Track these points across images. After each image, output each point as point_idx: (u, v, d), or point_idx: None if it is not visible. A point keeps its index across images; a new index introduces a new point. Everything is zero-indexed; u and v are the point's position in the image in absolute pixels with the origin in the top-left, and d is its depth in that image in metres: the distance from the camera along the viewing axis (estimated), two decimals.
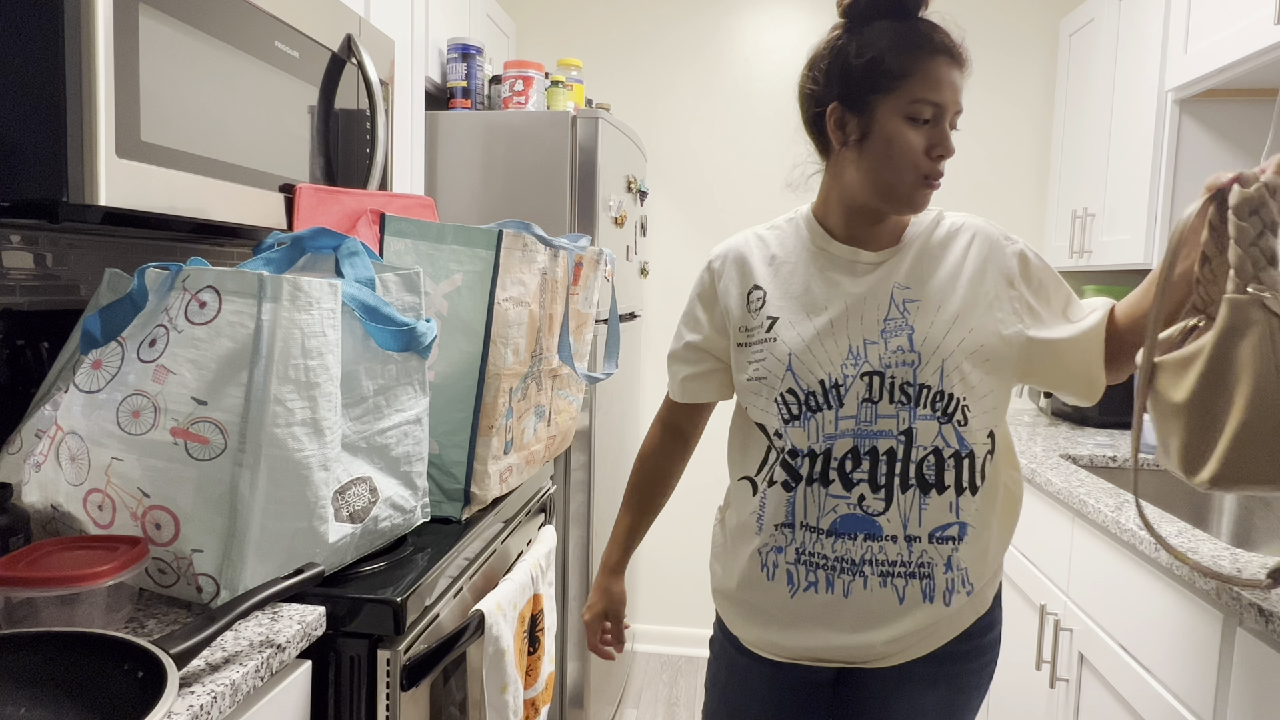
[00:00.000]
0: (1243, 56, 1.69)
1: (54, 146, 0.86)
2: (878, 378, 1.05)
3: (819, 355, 1.07)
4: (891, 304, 1.07)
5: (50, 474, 0.95)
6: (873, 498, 1.06)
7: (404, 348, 1.07)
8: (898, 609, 1.07)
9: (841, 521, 1.06)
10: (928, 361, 1.05)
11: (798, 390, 1.08)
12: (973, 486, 1.06)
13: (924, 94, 1.00)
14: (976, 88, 2.82)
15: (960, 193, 2.85)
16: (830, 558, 1.08)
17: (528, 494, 1.54)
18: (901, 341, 1.05)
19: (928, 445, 1.05)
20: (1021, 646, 1.89)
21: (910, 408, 1.05)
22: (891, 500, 1.05)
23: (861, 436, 1.06)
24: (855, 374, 1.06)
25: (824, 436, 1.07)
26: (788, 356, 1.08)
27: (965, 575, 1.08)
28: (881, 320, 1.07)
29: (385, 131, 1.43)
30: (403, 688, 0.95)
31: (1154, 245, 2.08)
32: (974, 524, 1.07)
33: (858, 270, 1.10)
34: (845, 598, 1.08)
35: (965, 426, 1.05)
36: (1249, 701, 1.09)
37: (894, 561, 1.06)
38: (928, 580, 1.06)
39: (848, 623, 1.09)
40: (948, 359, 1.04)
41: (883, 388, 1.05)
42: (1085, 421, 2.39)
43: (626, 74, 2.93)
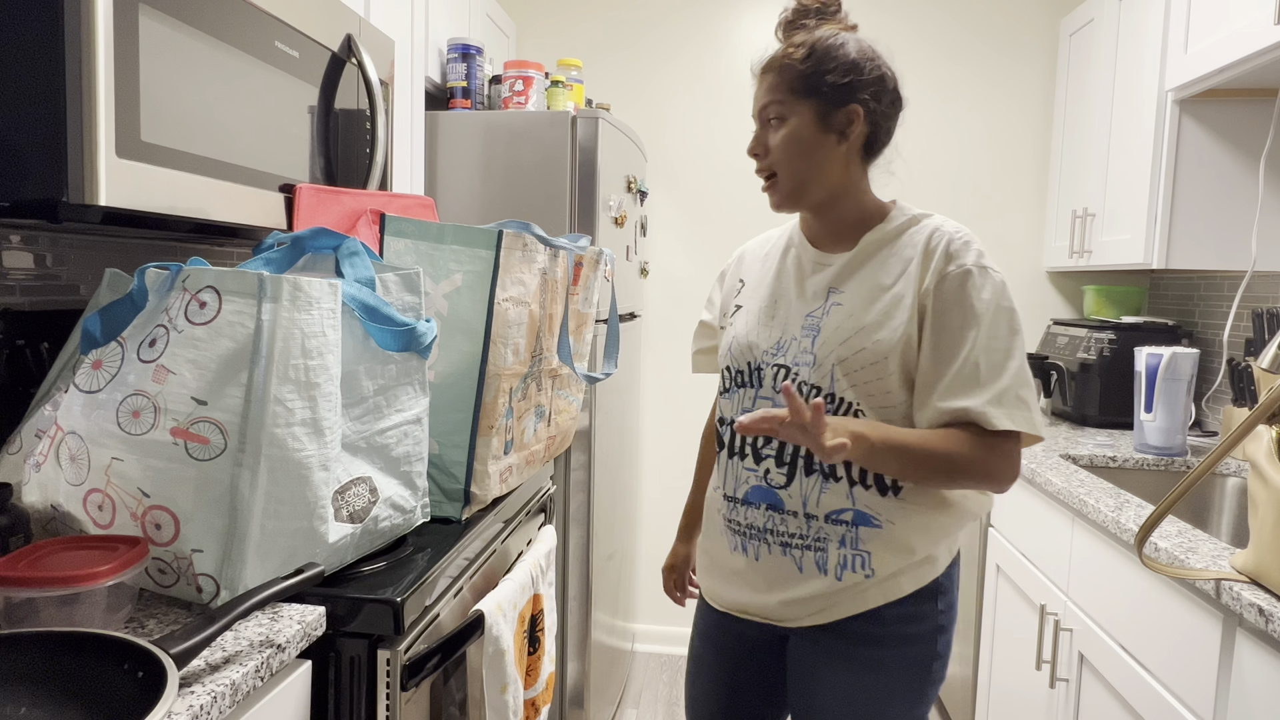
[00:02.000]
0: (1243, 56, 1.69)
1: (54, 146, 0.86)
2: (785, 371, 1.17)
3: (753, 342, 1.21)
4: (822, 305, 1.17)
5: (50, 474, 0.95)
6: (777, 472, 1.16)
7: (404, 348, 1.07)
8: (796, 576, 1.16)
9: (751, 492, 1.18)
10: (820, 364, 1.13)
11: (731, 368, 1.24)
12: (864, 482, 1.12)
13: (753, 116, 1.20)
14: (977, 88, 2.82)
15: (960, 193, 2.86)
16: (743, 524, 1.20)
17: (528, 494, 1.54)
18: (807, 343, 1.16)
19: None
20: (1021, 646, 1.89)
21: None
22: (793, 479, 1.15)
23: None
24: (771, 363, 1.18)
25: (742, 410, 1.20)
26: (732, 339, 1.25)
27: (866, 559, 1.13)
28: (808, 319, 1.17)
29: (385, 131, 1.43)
30: (403, 688, 0.95)
31: (1154, 245, 2.08)
32: (880, 517, 1.12)
33: (813, 270, 1.20)
34: (756, 561, 1.20)
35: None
36: (1249, 701, 1.09)
37: (793, 534, 1.16)
38: (821, 553, 1.14)
39: (759, 583, 1.20)
40: (838, 365, 1.12)
41: (787, 380, 1.16)
42: (1085, 421, 2.39)
43: (626, 74, 2.93)
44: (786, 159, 1.15)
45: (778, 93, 1.14)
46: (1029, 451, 1.98)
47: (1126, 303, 2.63)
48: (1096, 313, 2.65)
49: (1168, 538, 1.32)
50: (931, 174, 2.86)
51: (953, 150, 2.85)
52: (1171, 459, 1.95)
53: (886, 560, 1.13)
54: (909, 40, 2.83)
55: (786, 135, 1.14)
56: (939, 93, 2.84)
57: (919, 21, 2.82)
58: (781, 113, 1.14)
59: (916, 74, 2.84)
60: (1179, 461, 1.95)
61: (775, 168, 1.16)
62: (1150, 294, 2.74)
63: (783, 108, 1.14)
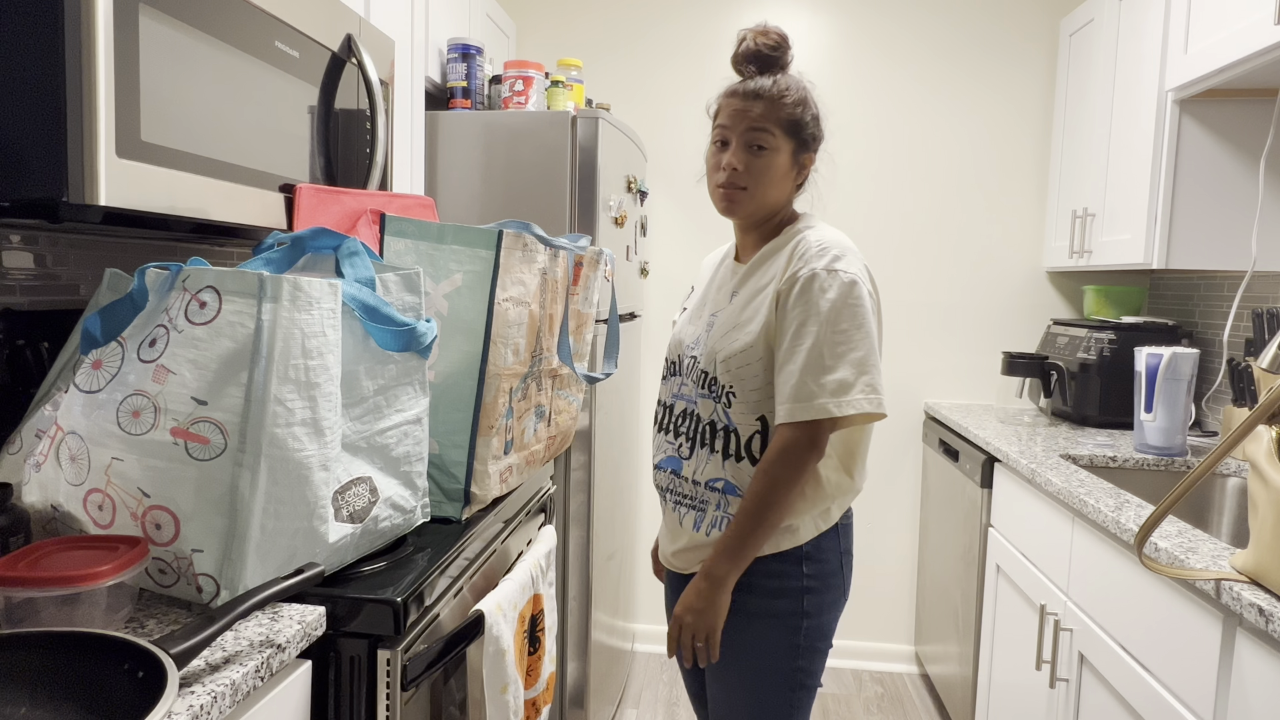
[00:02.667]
0: (1243, 56, 1.69)
1: (54, 146, 0.86)
2: (691, 360, 1.39)
3: (681, 338, 1.44)
4: (726, 305, 1.38)
5: (50, 474, 0.95)
6: (684, 445, 1.39)
7: (404, 348, 1.07)
8: (679, 530, 1.41)
9: (665, 460, 1.42)
10: (705, 354, 1.36)
11: (669, 359, 1.47)
12: (736, 455, 1.32)
13: (718, 123, 1.35)
14: (976, 88, 2.82)
15: (960, 193, 2.86)
16: (661, 486, 1.44)
17: (528, 494, 1.54)
18: (702, 334, 1.39)
19: (706, 417, 1.35)
20: (1021, 646, 1.89)
21: (696, 387, 1.37)
22: (692, 451, 1.38)
23: (686, 400, 1.40)
24: (687, 355, 1.41)
25: (671, 395, 1.43)
26: (672, 335, 1.48)
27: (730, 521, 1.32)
28: (710, 316, 1.40)
29: (385, 131, 1.43)
30: (403, 688, 0.95)
31: (1154, 245, 2.08)
32: (741, 489, 1.32)
33: (729, 276, 1.42)
34: (664, 516, 1.45)
35: (730, 408, 1.32)
36: (1249, 701, 1.09)
37: (684, 494, 1.39)
38: (700, 514, 1.37)
39: (664, 535, 1.47)
40: (716, 355, 1.33)
41: (691, 368, 1.39)
42: (1085, 421, 2.39)
43: (626, 74, 2.93)
44: (763, 184, 1.32)
45: (767, 123, 1.30)
46: (1029, 452, 1.98)
47: (1126, 303, 2.63)
48: (1096, 313, 2.65)
49: (1168, 538, 1.32)
50: (931, 174, 2.86)
51: (953, 150, 2.85)
52: (1171, 459, 1.95)
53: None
54: (909, 40, 2.83)
55: (768, 165, 1.32)
56: (939, 93, 2.84)
57: (919, 21, 2.82)
58: (768, 144, 1.31)
59: (916, 74, 2.84)
60: (1179, 461, 1.95)
61: (747, 185, 1.32)
62: (1150, 294, 2.74)
63: (770, 139, 1.31)
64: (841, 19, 2.85)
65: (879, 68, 2.84)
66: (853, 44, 2.85)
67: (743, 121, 1.31)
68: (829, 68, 2.86)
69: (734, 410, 1.32)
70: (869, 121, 2.87)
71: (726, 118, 1.33)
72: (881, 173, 2.89)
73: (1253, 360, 1.72)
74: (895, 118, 2.86)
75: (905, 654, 2.98)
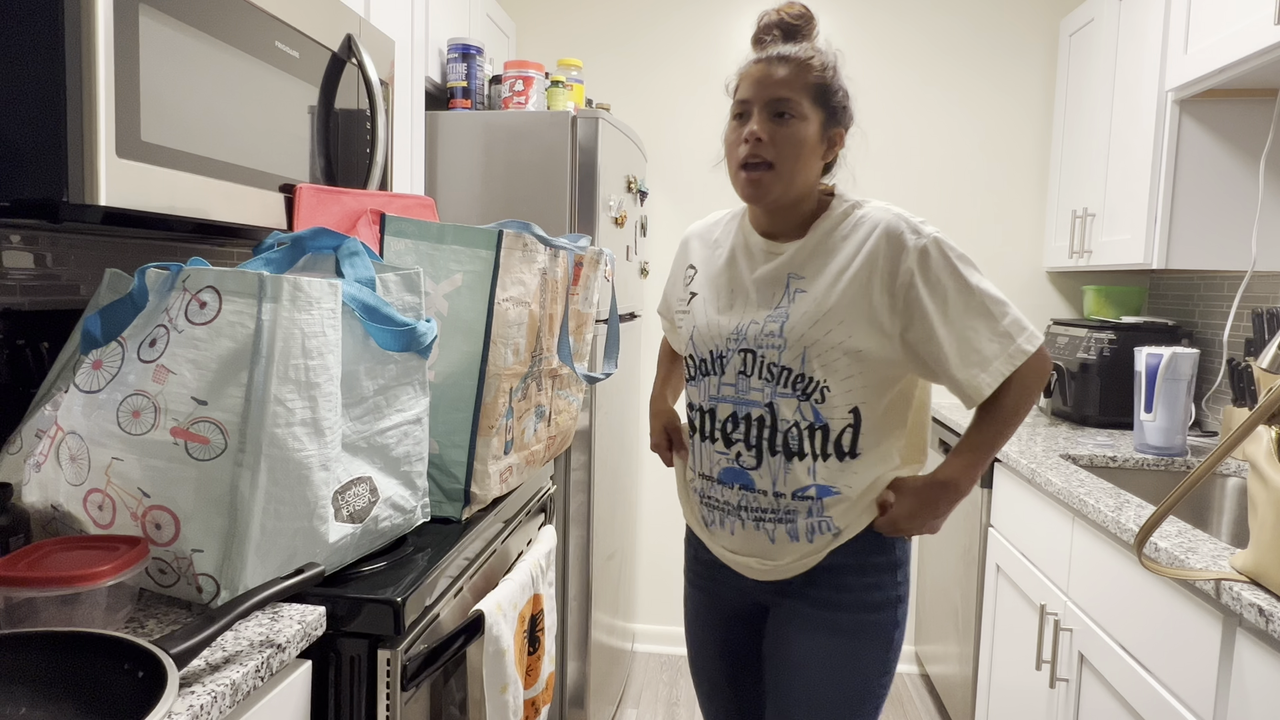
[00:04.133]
0: (1243, 56, 1.69)
1: (54, 146, 0.86)
2: (751, 355, 1.23)
3: (714, 330, 1.27)
4: (785, 291, 1.23)
5: (50, 474, 0.95)
6: (747, 455, 1.24)
7: (404, 348, 1.07)
8: (770, 546, 1.25)
9: (724, 473, 1.26)
10: (790, 347, 1.19)
11: (695, 356, 1.30)
12: (824, 454, 1.21)
13: (738, 96, 1.22)
14: (977, 88, 2.82)
15: (960, 193, 2.86)
16: (719, 501, 1.28)
17: (528, 494, 1.54)
18: (774, 327, 1.21)
19: (789, 419, 1.20)
20: (1021, 646, 1.89)
21: (774, 385, 1.21)
22: (761, 461, 1.23)
23: (738, 404, 1.24)
24: (735, 349, 1.24)
25: (709, 398, 1.27)
26: (693, 329, 1.31)
27: (830, 522, 1.22)
28: (772, 307, 1.23)
29: (385, 131, 1.43)
30: (403, 688, 0.95)
31: (1154, 245, 2.08)
32: (837, 485, 1.22)
33: (766, 259, 1.26)
34: (732, 535, 1.28)
35: (822, 403, 1.19)
36: (1249, 701, 1.09)
37: (764, 509, 1.24)
38: (790, 524, 1.23)
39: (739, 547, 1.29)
40: (810, 347, 1.18)
41: (754, 364, 1.22)
42: (1085, 421, 2.39)
43: (626, 74, 2.93)
44: (788, 156, 1.18)
45: (794, 90, 1.16)
46: (1029, 452, 1.98)
47: (1126, 303, 2.63)
48: (1096, 313, 2.65)
49: (1168, 538, 1.32)
50: (932, 174, 2.86)
51: (953, 150, 2.85)
52: (1171, 459, 1.95)
53: (849, 519, 1.23)
54: (909, 40, 2.83)
55: (796, 134, 1.17)
56: (939, 92, 2.84)
57: (919, 21, 2.82)
58: (796, 111, 1.17)
59: (916, 73, 2.84)
60: (1179, 461, 1.95)
61: (773, 160, 1.17)
62: (1150, 294, 2.74)
63: (799, 107, 1.17)
64: (841, 17, 2.85)
65: (879, 67, 2.84)
66: (852, 43, 2.85)
67: (766, 89, 1.17)
68: None
69: (826, 406, 1.19)
70: (868, 121, 2.87)
71: (747, 88, 1.20)
72: (881, 172, 2.88)
73: (1253, 360, 1.72)
74: (895, 117, 2.86)
75: (905, 654, 2.98)
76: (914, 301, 1.16)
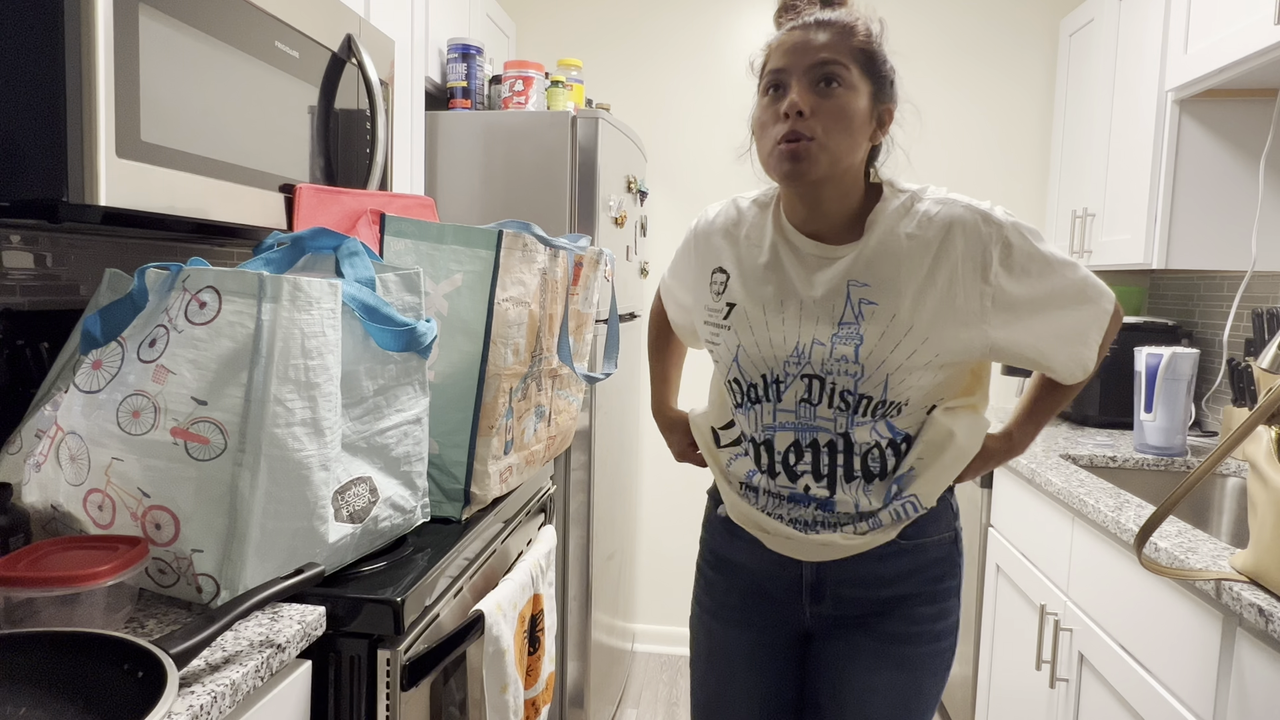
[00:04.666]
0: (1243, 56, 1.69)
1: (54, 146, 0.86)
2: (818, 382, 1.07)
3: (765, 352, 1.10)
4: (848, 305, 1.05)
5: (50, 474, 0.95)
6: (817, 487, 1.11)
7: (404, 348, 1.06)
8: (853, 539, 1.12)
9: (792, 497, 1.13)
10: (871, 375, 1.05)
11: (741, 380, 1.13)
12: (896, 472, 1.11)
13: (771, 67, 1.04)
14: (976, 88, 2.82)
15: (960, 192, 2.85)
16: (788, 517, 1.14)
17: (528, 494, 1.54)
18: (848, 351, 1.05)
19: (868, 442, 1.09)
20: (1021, 646, 1.89)
21: (849, 414, 1.07)
22: (835, 488, 1.11)
23: (802, 430, 1.10)
24: (796, 374, 1.08)
25: (763, 427, 1.12)
26: (736, 349, 1.12)
27: (915, 501, 1.11)
28: (836, 323, 1.06)
29: (385, 131, 1.43)
30: (403, 688, 0.95)
31: (1154, 245, 2.08)
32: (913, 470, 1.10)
33: (817, 265, 1.08)
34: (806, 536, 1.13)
35: (898, 417, 1.08)
36: (1249, 701, 1.09)
37: (845, 513, 1.11)
38: (874, 518, 1.11)
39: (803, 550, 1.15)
40: (893, 373, 1.04)
41: (822, 392, 1.07)
42: (1085, 421, 2.39)
43: (626, 74, 2.93)
44: (836, 129, 1.00)
45: (840, 55, 1.00)
46: (1030, 451, 1.98)
47: (1126, 303, 2.63)
48: None
49: (1167, 538, 1.32)
50: (931, 174, 2.86)
51: (953, 150, 2.85)
52: (1171, 459, 1.95)
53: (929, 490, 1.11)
54: (908, 40, 2.83)
55: (845, 105, 1.00)
56: (939, 92, 2.84)
57: (918, 21, 2.82)
58: (844, 78, 1.00)
59: (916, 74, 2.84)
60: (1179, 461, 1.95)
61: (817, 134, 0.99)
62: (1150, 294, 2.74)
63: (846, 74, 1.00)
64: None
65: None
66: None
67: (806, 54, 1.00)
68: None
69: (902, 419, 1.08)
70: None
71: (782, 56, 1.02)
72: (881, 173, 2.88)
73: (1253, 360, 1.72)
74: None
75: None
76: (1003, 298, 1.04)
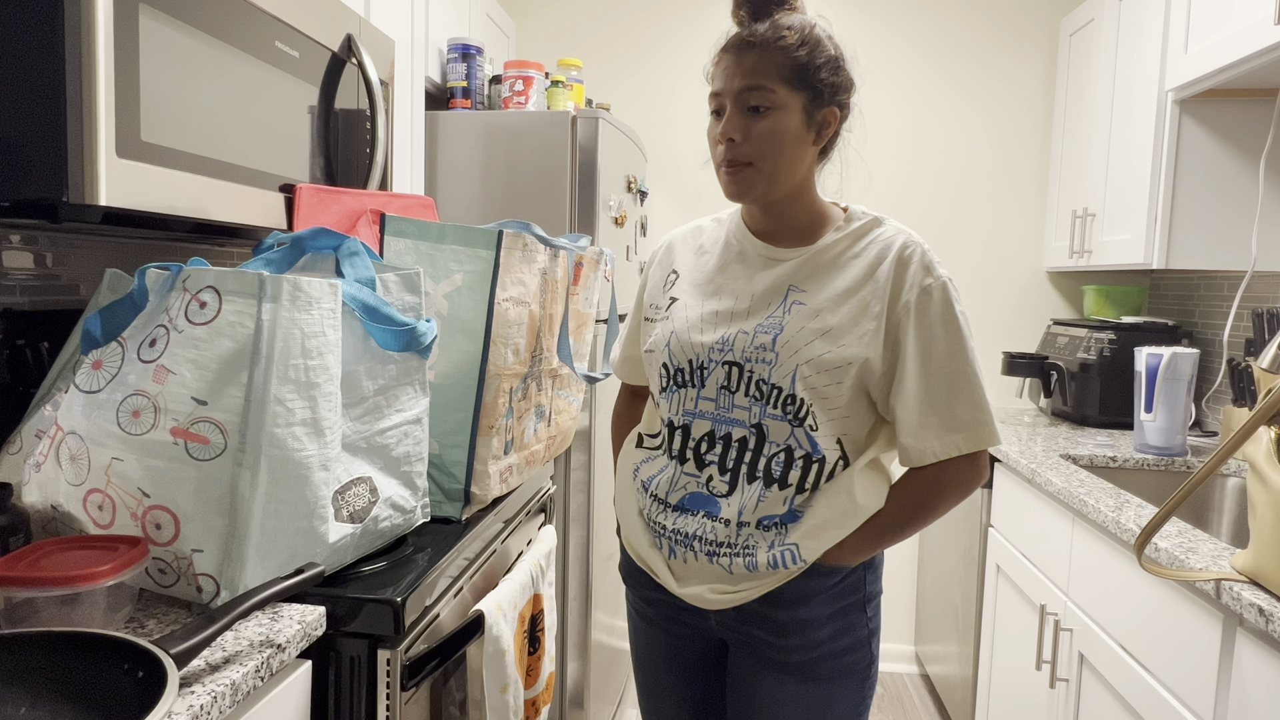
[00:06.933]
0: (1243, 57, 1.69)
1: (54, 146, 0.86)
2: (736, 369, 1.11)
3: (695, 337, 1.14)
4: (782, 303, 1.11)
5: (50, 474, 0.95)
6: (719, 480, 1.12)
7: (404, 348, 1.07)
8: (728, 578, 1.13)
9: (689, 499, 1.14)
10: (781, 364, 1.08)
11: (669, 365, 1.16)
12: (810, 487, 1.10)
13: (711, 89, 1.13)
14: (977, 88, 2.82)
15: (960, 193, 2.85)
16: (669, 529, 1.15)
17: (528, 494, 1.54)
18: (766, 340, 1.09)
19: (780, 443, 1.09)
20: (1021, 646, 1.89)
21: (762, 404, 1.09)
22: (735, 486, 1.11)
23: (719, 421, 1.12)
24: (719, 360, 1.12)
25: (684, 412, 1.14)
26: (670, 334, 1.16)
27: (795, 551, 1.10)
28: (765, 316, 1.11)
29: (385, 131, 1.43)
30: (403, 688, 0.95)
31: (1154, 245, 2.08)
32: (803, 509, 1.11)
33: (764, 265, 1.15)
34: (684, 564, 1.15)
35: (816, 432, 1.08)
36: (1249, 701, 1.09)
37: (720, 542, 1.12)
38: (750, 557, 1.11)
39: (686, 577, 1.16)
40: (802, 365, 1.07)
41: (740, 379, 1.10)
42: (1085, 421, 2.39)
43: (626, 74, 2.93)
44: (768, 153, 1.07)
45: (764, 78, 1.06)
46: (1029, 452, 1.98)
47: (1126, 303, 2.63)
48: (1096, 313, 2.65)
49: (1168, 538, 1.32)
50: (932, 174, 2.86)
51: (953, 150, 2.85)
52: (1171, 459, 1.95)
53: (813, 546, 1.11)
54: (908, 40, 2.83)
55: (772, 128, 1.07)
56: (939, 93, 2.84)
57: (918, 21, 2.82)
58: (768, 101, 1.06)
59: (916, 73, 2.84)
60: (1179, 462, 1.95)
61: (752, 159, 1.08)
62: (1150, 294, 2.74)
63: (771, 96, 1.06)
64: (840, 18, 2.84)
65: (878, 67, 2.84)
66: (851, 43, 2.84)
67: (734, 80, 1.07)
68: None
69: (819, 434, 1.08)
70: (867, 122, 2.87)
71: (717, 80, 1.11)
72: (881, 173, 2.88)
73: (1253, 360, 1.72)
74: (894, 118, 2.86)
75: (905, 654, 2.98)
76: (900, 337, 1.07)
